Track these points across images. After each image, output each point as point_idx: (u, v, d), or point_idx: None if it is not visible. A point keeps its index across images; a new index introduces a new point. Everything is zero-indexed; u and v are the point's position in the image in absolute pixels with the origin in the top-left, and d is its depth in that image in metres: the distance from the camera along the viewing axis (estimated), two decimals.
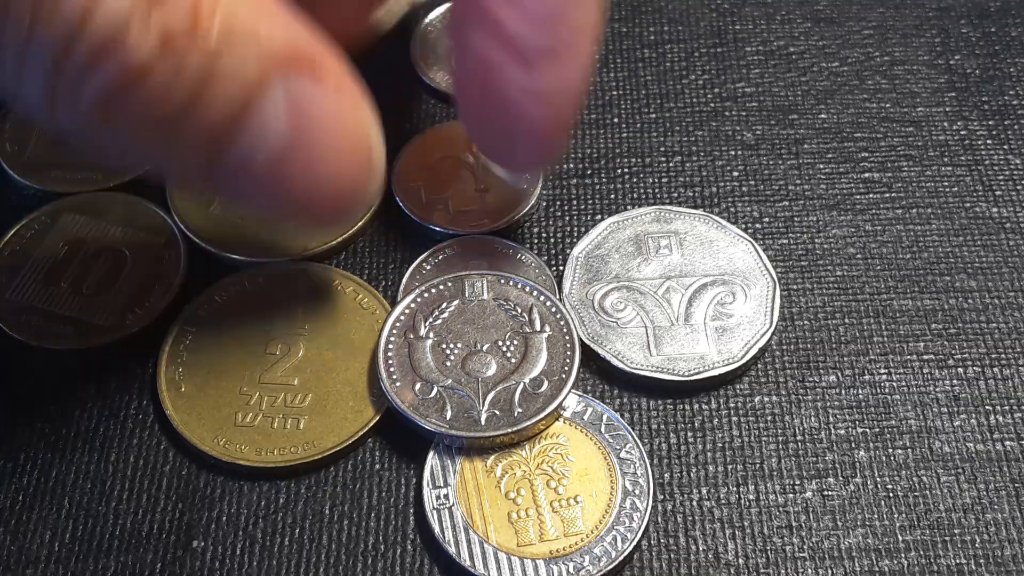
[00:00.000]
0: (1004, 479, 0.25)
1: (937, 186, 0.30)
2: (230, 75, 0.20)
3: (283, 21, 0.21)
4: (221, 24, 0.19)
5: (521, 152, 0.25)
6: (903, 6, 0.35)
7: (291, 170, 0.21)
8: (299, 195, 0.22)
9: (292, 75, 0.20)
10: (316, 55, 0.21)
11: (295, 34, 0.21)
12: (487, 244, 0.29)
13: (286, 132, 0.21)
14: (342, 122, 0.22)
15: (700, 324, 0.27)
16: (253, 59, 0.20)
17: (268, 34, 0.20)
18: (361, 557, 0.24)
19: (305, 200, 0.22)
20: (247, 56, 0.20)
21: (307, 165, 0.21)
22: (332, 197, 0.22)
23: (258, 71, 0.20)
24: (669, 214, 0.29)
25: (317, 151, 0.21)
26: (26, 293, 0.28)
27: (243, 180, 0.21)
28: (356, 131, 0.22)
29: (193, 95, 0.19)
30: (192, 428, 0.25)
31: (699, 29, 0.34)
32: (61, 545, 0.24)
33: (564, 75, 0.23)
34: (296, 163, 0.21)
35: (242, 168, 0.21)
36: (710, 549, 0.24)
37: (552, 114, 0.24)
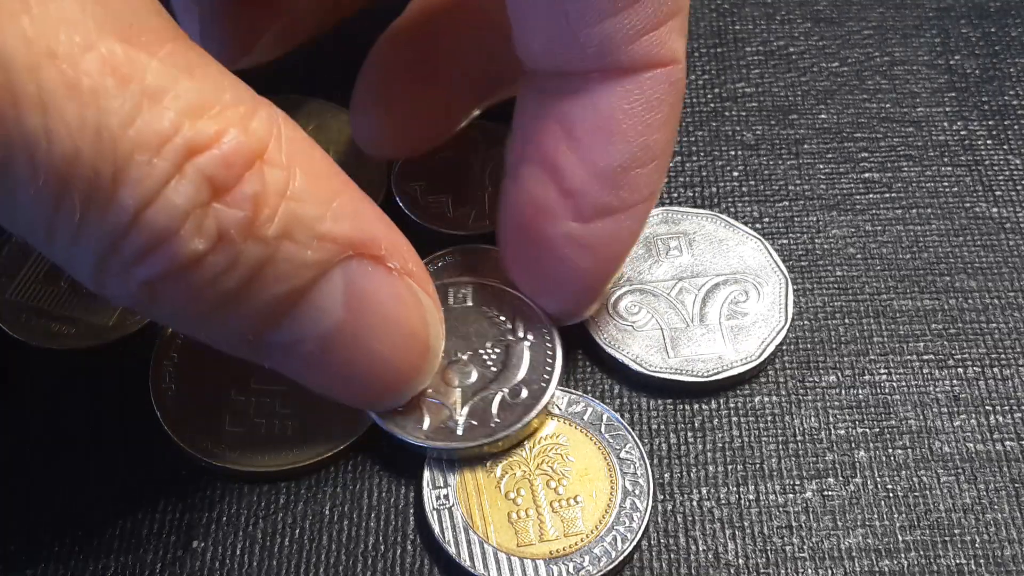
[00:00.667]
0: (1004, 479, 0.25)
1: (937, 186, 0.30)
2: (288, 264, 0.19)
3: (352, 207, 0.20)
4: (283, 216, 0.19)
5: (560, 297, 0.25)
6: (903, 6, 0.35)
7: (343, 355, 0.21)
8: (348, 379, 0.22)
9: (355, 261, 0.20)
10: (382, 239, 0.21)
11: (362, 219, 0.20)
12: (487, 252, 0.29)
13: (341, 316, 0.20)
14: (400, 309, 0.21)
15: (715, 324, 0.27)
16: (315, 248, 0.19)
17: (333, 223, 0.19)
18: (361, 557, 0.24)
19: (354, 384, 0.22)
20: (308, 243, 0.19)
21: (359, 348, 0.21)
22: (383, 383, 0.22)
23: (319, 259, 0.19)
24: (677, 215, 0.29)
25: (372, 338, 0.21)
26: (26, 293, 0.28)
27: (289, 356, 0.21)
28: (414, 318, 0.22)
29: (246, 283, 0.19)
30: (183, 430, 0.25)
31: (699, 29, 0.34)
32: (61, 545, 0.24)
33: (617, 231, 0.23)
34: (347, 346, 0.21)
35: (290, 346, 0.20)
36: (710, 549, 0.24)
37: (599, 267, 0.24)
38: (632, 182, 0.23)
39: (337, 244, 0.20)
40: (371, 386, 0.22)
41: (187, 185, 0.17)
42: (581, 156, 0.22)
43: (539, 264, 0.24)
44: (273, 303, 0.19)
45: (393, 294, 0.21)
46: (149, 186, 0.17)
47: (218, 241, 0.18)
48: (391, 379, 0.22)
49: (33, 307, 0.27)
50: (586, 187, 0.22)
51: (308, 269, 0.19)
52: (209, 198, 0.18)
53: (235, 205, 0.18)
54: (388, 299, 0.21)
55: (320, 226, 0.19)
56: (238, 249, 0.18)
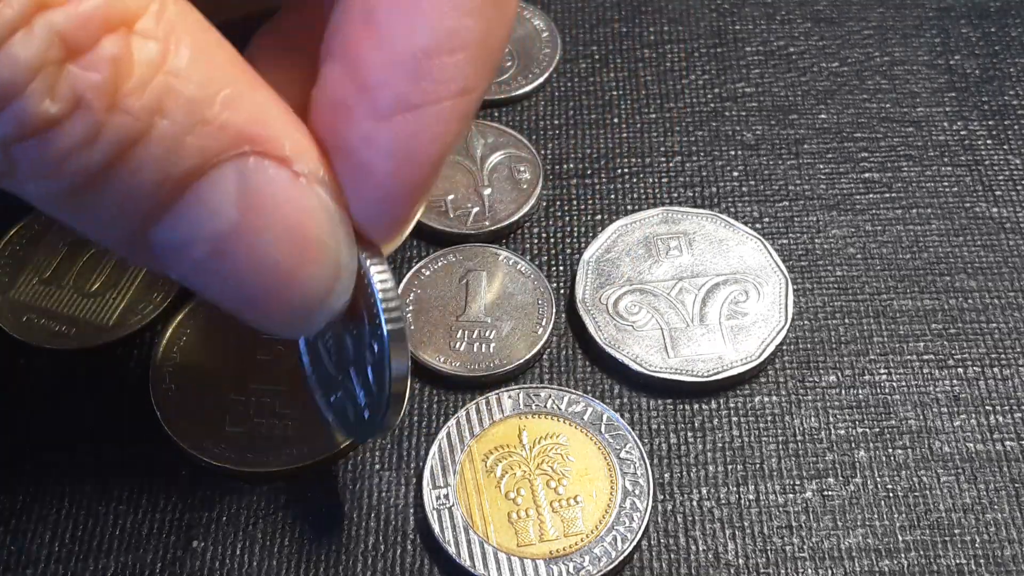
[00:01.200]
0: (1004, 479, 0.25)
1: (937, 186, 0.30)
2: (162, 146, 0.18)
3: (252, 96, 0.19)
4: (156, 89, 0.17)
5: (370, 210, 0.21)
6: (903, 6, 0.35)
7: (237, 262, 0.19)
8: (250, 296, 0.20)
9: (252, 159, 0.18)
10: (285, 140, 0.19)
11: (266, 115, 0.19)
12: (486, 252, 0.29)
13: (234, 219, 0.18)
14: (306, 220, 0.19)
15: (715, 324, 0.27)
16: (197, 132, 0.18)
17: (223, 109, 0.18)
18: (361, 557, 0.24)
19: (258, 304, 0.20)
20: (190, 127, 0.18)
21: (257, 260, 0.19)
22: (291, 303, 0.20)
23: (202, 146, 0.18)
24: (677, 215, 0.29)
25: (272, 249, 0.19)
26: (26, 293, 0.28)
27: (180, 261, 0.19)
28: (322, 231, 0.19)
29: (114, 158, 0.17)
30: (183, 430, 0.25)
31: (699, 29, 0.34)
32: (61, 545, 0.24)
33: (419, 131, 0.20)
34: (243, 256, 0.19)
35: (179, 247, 0.19)
36: (710, 549, 0.24)
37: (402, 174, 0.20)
38: (436, 72, 0.20)
39: (226, 134, 0.18)
40: (276, 306, 0.20)
41: (34, 39, 0.16)
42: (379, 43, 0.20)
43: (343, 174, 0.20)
44: (150, 190, 0.18)
45: (299, 202, 0.19)
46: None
47: (74, 106, 0.17)
48: (299, 299, 0.20)
49: (33, 307, 0.27)
50: (382, 78, 0.19)
51: (189, 156, 0.18)
52: (62, 58, 0.17)
53: (91, 68, 0.17)
54: (293, 207, 0.19)
55: (206, 110, 0.18)
56: (99, 119, 0.17)
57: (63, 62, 0.17)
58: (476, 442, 0.25)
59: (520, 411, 0.26)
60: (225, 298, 0.20)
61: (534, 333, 0.27)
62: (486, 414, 0.26)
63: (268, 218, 0.19)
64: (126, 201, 0.18)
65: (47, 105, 0.17)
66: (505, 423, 0.26)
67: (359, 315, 0.21)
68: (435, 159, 0.20)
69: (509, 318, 0.27)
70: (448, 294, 0.28)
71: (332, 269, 0.20)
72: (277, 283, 0.20)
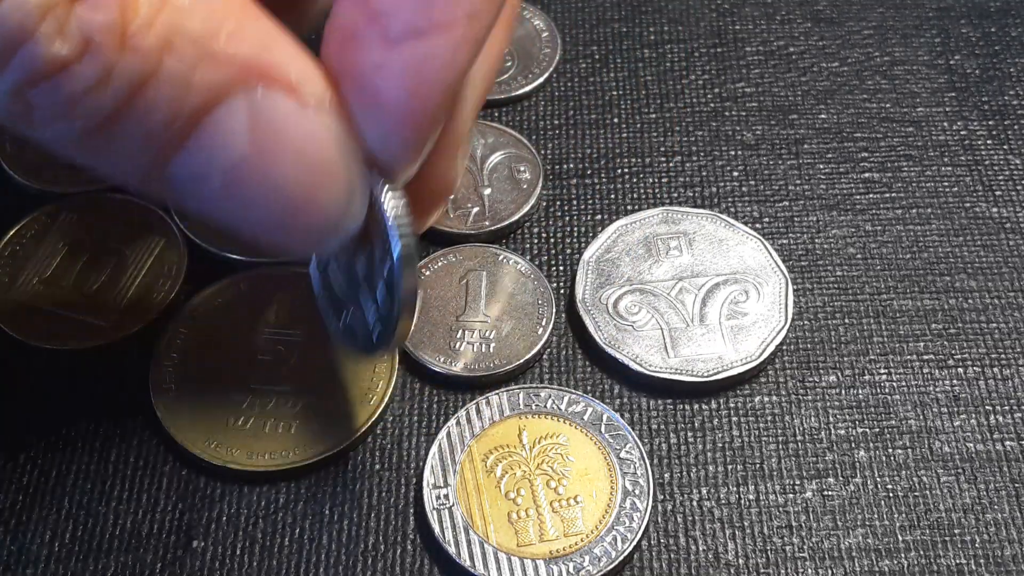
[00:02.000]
0: (1004, 479, 0.25)
1: (937, 186, 0.30)
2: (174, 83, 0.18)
3: (255, 28, 0.19)
4: (163, 27, 0.18)
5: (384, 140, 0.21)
6: (903, 6, 0.35)
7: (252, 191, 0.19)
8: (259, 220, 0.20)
9: (260, 88, 0.19)
10: (292, 68, 0.19)
11: (270, 42, 0.19)
12: (486, 253, 0.29)
13: (246, 149, 0.19)
14: (315, 144, 0.20)
15: (715, 324, 0.27)
16: (204, 67, 0.18)
17: (228, 42, 0.18)
18: (361, 557, 0.24)
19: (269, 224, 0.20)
20: (196, 62, 0.18)
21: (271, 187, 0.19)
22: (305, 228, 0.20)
23: (211, 80, 0.18)
24: (677, 215, 0.29)
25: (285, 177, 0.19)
26: (26, 293, 0.28)
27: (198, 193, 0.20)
28: (331, 155, 0.20)
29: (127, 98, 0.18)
30: (183, 430, 0.25)
31: (699, 29, 0.34)
32: (61, 545, 0.24)
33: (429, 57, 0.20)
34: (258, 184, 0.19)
35: (196, 180, 0.19)
36: (710, 549, 0.24)
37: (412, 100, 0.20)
38: None
39: (234, 66, 0.18)
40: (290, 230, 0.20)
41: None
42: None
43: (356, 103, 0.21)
44: (165, 126, 0.18)
45: (308, 129, 0.19)
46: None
47: (84, 47, 0.17)
48: (312, 223, 0.20)
49: (33, 307, 0.27)
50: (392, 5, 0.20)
51: (199, 92, 0.18)
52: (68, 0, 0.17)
53: (98, 9, 0.17)
54: (302, 134, 0.19)
55: (212, 44, 0.18)
56: (110, 59, 0.17)
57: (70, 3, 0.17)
58: (476, 442, 0.25)
59: (520, 411, 0.26)
60: (241, 225, 0.21)
61: (534, 333, 0.27)
62: (486, 414, 0.26)
63: (279, 146, 0.19)
64: (140, 139, 0.19)
65: (57, 47, 0.17)
66: (505, 423, 0.26)
67: (372, 237, 0.22)
68: (446, 85, 0.21)
69: (509, 318, 0.27)
70: (448, 294, 0.28)
71: (344, 193, 0.20)
72: (290, 208, 0.20)
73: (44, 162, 0.30)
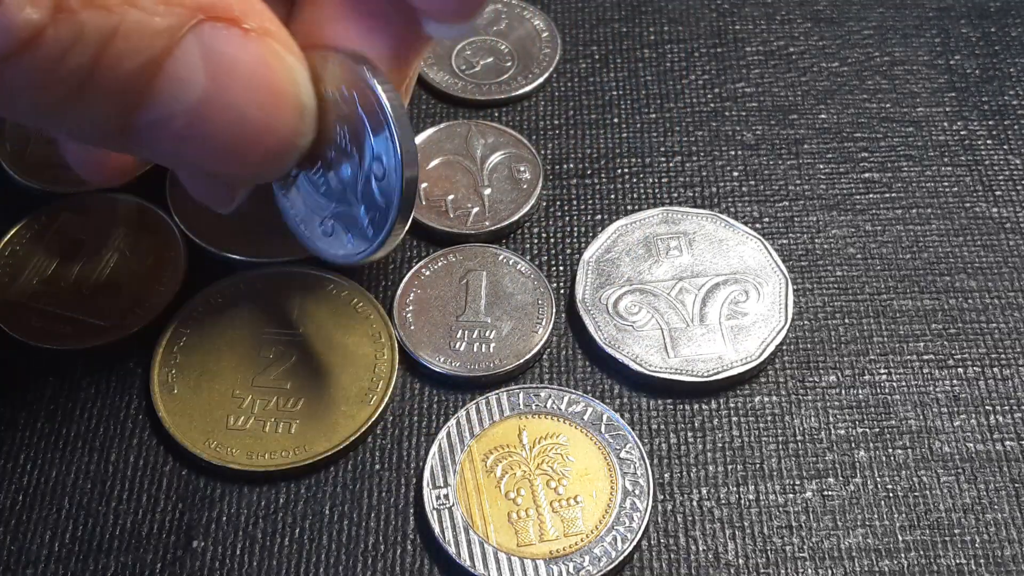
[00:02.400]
0: (1004, 479, 0.25)
1: (937, 186, 0.30)
2: (135, 32, 0.18)
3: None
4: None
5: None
6: (903, 6, 0.35)
7: (213, 124, 0.20)
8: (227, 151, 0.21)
9: (207, 25, 0.19)
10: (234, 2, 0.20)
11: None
12: (486, 252, 0.29)
13: (204, 85, 0.20)
14: (265, 70, 0.20)
15: (715, 324, 0.27)
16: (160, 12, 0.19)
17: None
18: (361, 557, 0.24)
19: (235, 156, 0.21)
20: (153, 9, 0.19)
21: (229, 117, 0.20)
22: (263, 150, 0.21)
23: (166, 24, 0.19)
24: (677, 215, 0.29)
25: (242, 103, 0.20)
26: (26, 293, 0.28)
27: (162, 137, 0.20)
28: (281, 78, 0.21)
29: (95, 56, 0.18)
30: (184, 430, 0.25)
31: (699, 29, 0.34)
32: (61, 545, 0.24)
33: None
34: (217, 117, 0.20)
35: (160, 125, 0.20)
36: (710, 549, 0.24)
37: None
38: None
39: (185, 7, 0.19)
40: (251, 155, 0.21)
41: None
42: None
43: None
44: (131, 79, 0.19)
45: (255, 56, 0.20)
46: None
47: (55, 11, 0.17)
48: (271, 144, 0.21)
49: (33, 307, 0.27)
50: None
51: (159, 36, 0.19)
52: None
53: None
54: (250, 62, 0.20)
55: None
56: (80, 19, 0.18)
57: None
58: (476, 442, 0.25)
59: (520, 411, 0.26)
60: (203, 162, 0.21)
61: (534, 333, 0.27)
62: (486, 414, 0.26)
63: (232, 76, 0.20)
64: (111, 95, 0.19)
65: (28, 12, 0.17)
66: (505, 423, 0.26)
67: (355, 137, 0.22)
68: None
69: (509, 318, 0.27)
70: (448, 294, 0.28)
71: (296, 111, 0.21)
72: (249, 134, 0.21)
73: (44, 162, 0.30)
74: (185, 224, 0.29)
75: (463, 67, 0.33)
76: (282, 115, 0.21)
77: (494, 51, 0.33)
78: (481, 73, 0.33)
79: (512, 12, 0.34)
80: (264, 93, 0.21)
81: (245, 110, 0.20)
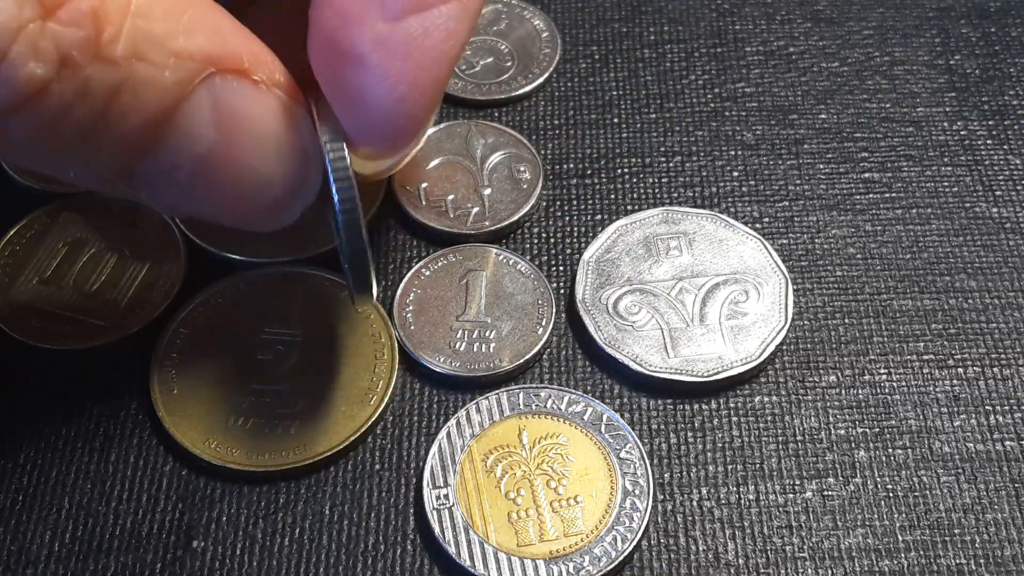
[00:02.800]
0: (1004, 479, 0.25)
1: (937, 186, 0.30)
2: (145, 86, 0.18)
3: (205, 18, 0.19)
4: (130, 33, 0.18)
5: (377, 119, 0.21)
6: (903, 6, 0.35)
7: (219, 175, 0.20)
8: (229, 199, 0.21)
9: (218, 78, 0.19)
10: (243, 52, 0.20)
11: (221, 34, 0.19)
12: (486, 252, 0.29)
13: (212, 138, 0.19)
14: (273, 122, 0.20)
15: (715, 324, 0.27)
16: (171, 65, 0.18)
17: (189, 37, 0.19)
18: (361, 557, 0.24)
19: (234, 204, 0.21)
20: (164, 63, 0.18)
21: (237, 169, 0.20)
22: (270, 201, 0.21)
23: (178, 79, 0.19)
24: (677, 215, 0.29)
25: (250, 156, 0.20)
26: (26, 293, 0.28)
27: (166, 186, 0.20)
28: (289, 130, 0.21)
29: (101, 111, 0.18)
30: (184, 430, 0.25)
31: (699, 29, 0.34)
32: (61, 545, 0.24)
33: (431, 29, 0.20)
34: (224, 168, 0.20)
35: (165, 175, 0.20)
36: (710, 549, 0.24)
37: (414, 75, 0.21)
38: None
39: (195, 61, 0.19)
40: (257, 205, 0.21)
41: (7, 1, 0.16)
42: None
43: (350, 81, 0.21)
44: (138, 131, 0.19)
45: (264, 108, 0.20)
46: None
47: (61, 66, 0.17)
48: (277, 194, 0.21)
49: (33, 307, 0.27)
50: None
51: (168, 91, 0.18)
52: (39, 15, 0.17)
53: (72, 23, 0.17)
54: (260, 114, 0.20)
55: (173, 43, 0.18)
56: (85, 74, 0.17)
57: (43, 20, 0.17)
58: (476, 442, 0.25)
59: (520, 411, 0.26)
60: (207, 212, 0.21)
61: (534, 333, 0.27)
62: (486, 414, 0.26)
63: (241, 129, 0.20)
64: (115, 146, 0.19)
65: (32, 67, 0.17)
66: (505, 423, 0.26)
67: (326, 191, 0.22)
68: (449, 56, 0.21)
69: (509, 318, 0.27)
70: (448, 294, 0.28)
71: (302, 162, 0.21)
72: (255, 185, 0.21)
73: None
74: (185, 224, 0.29)
75: (463, 67, 0.33)
76: (289, 165, 0.21)
77: (494, 51, 0.33)
78: (481, 73, 0.33)
79: (512, 12, 0.34)
80: (272, 145, 0.20)
81: (253, 161, 0.20)
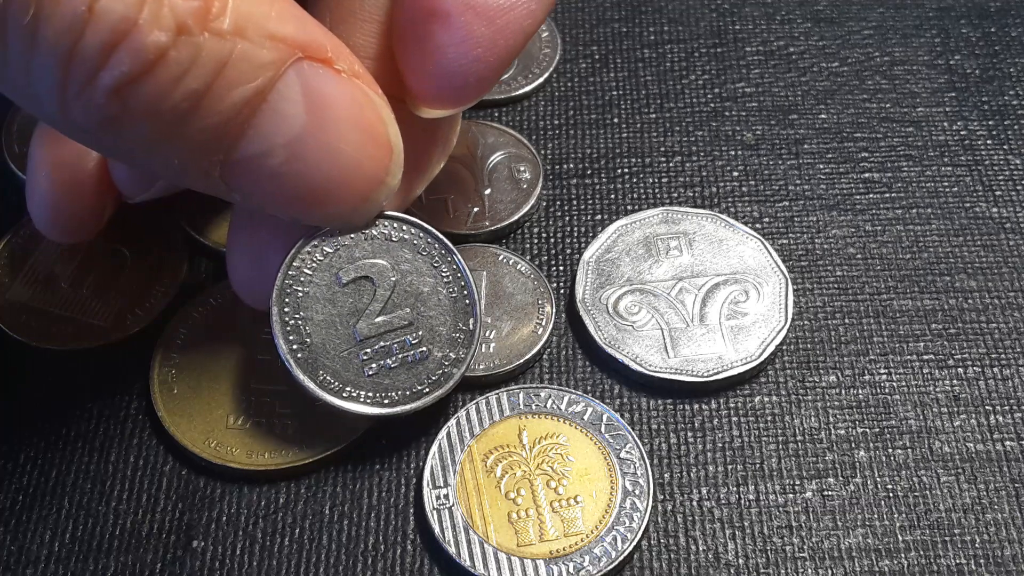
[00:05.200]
0: (1004, 479, 0.25)
1: (937, 186, 0.30)
2: (245, 61, 0.19)
3: (293, 11, 0.20)
4: (234, 11, 0.19)
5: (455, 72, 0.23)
6: (903, 6, 0.35)
7: (309, 162, 0.21)
8: (322, 190, 0.21)
9: (305, 63, 0.20)
10: (328, 44, 0.21)
11: (306, 24, 0.20)
12: (486, 253, 0.29)
13: (303, 120, 0.20)
14: (358, 109, 0.21)
15: (715, 324, 0.27)
16: (267, 46, 0.19)
17: (279, 24, 0.20)
18: (361, 557, 0.24)
19: (328, 196, 0.22)
20: (261, 42, 0.19)
21: (325, 155, 0.21)
22: (356, 190, 0.22)
23: (272, 57, 0.19)
24: (677, 215, 0.29)
25: (337, 140, 0.21)
26: (26, 293, 0.28)
27: (259, 174, 0.21)
28: (373, 118, 0.21)
29: (209, 82, 0.19)
30: (184, 430, 0.25)
31: (699, 29, 0.34)
32: (61, 545, 0.24)
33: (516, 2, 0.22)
34: (313, 154, 0.21)
35: (258, 160, 0.20)
36: (710, 549, 0.24)
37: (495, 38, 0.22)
38: None
39: (287, 44, 0.20)
40: (344, 195, 0.22)
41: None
42: None
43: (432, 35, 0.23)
44: (236, 109, 0.19)
45: (348, 95, 0.21)
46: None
47: (178, 33, 0.18)
48: (363, 184, 0.22)
49: (33, 307, 0.27)
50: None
51: (264, 68, 0.19)
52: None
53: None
54: (345, 100, 0.21)
55: (268, 25, 0.19)
56: (198, 42, 0.18)
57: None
58: (476, 442, 0.25)
59: (520, 411, 0.26)
60: (296, 206, 0.22)
61: (534, 333, 0.27)
62: (486, 414, 0.26)
63: (329, 113, 0.21)
64: (216, 125, 0.20)
65: (156, 35, 0.18)
66: (505, 423, 0.26)
67: None
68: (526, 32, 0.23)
69: (509, 318, 0.27)
70: None
71: (386, 150, 0.22)
72: (343, 172, 0.21)
73: None
74: (185, 224, 0.29)
75: None
76: (374, 153, 0.22)
77: None
78: None
79: None
80: (357, 131, 0.21)
81: (340, 147, 0.21)
